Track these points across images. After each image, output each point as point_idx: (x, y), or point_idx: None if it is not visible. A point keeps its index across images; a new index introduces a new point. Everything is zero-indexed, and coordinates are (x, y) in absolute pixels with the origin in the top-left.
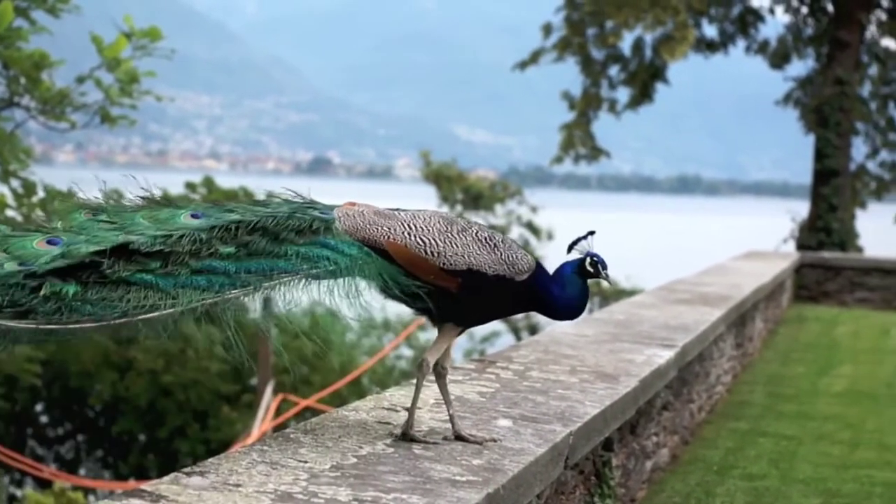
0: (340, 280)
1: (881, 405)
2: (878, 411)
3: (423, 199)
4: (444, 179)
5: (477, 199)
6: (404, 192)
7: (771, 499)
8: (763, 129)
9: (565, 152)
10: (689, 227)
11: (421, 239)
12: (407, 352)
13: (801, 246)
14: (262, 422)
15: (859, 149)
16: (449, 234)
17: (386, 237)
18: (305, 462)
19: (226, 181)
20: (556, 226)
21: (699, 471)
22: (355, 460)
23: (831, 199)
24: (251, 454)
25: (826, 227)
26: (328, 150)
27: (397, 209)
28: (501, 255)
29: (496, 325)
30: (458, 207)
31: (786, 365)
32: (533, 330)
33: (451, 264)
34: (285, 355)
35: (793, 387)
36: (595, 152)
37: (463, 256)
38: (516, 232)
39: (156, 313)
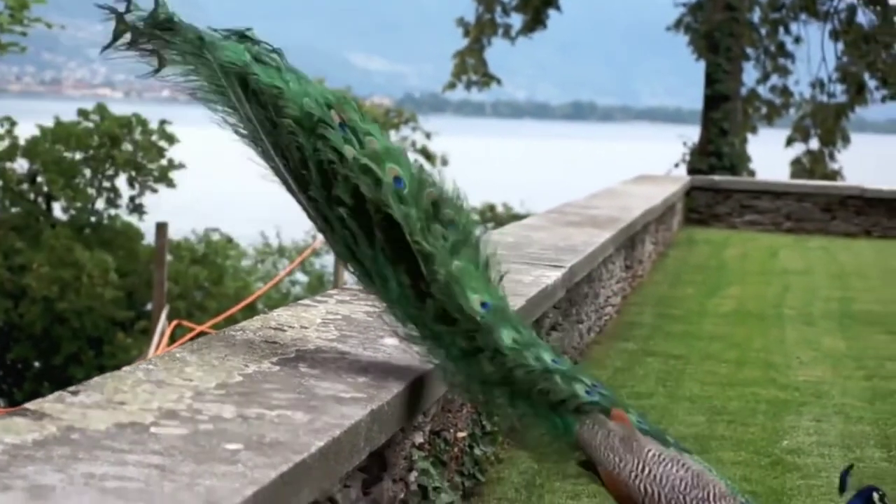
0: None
1: (767, 325)
2: (764, 331)
3: None
4: None
5: None
6: None
7: (658, 416)
8: (657, 56)
9: (457, 79)
10: (583, 152)
11: (646, 486)
12: (302, 277)
13: (693, 170)
14: (157, 347)
15: (750, 74)
16: (683, 499)
17: (606, 467)
18: (191, 381)
19: (119, 109)
20: (451, 151)
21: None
22: (241, 378)
23: (722, 123)
24: (136, 373)
25: (717, 151)
26: None
27: (683, 451)
28: None
29: None
30: None
31: (675, 286)
32: None
33: None
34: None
35: (681, 308)
36: (486, 79)
37: None
38: (410, 158)
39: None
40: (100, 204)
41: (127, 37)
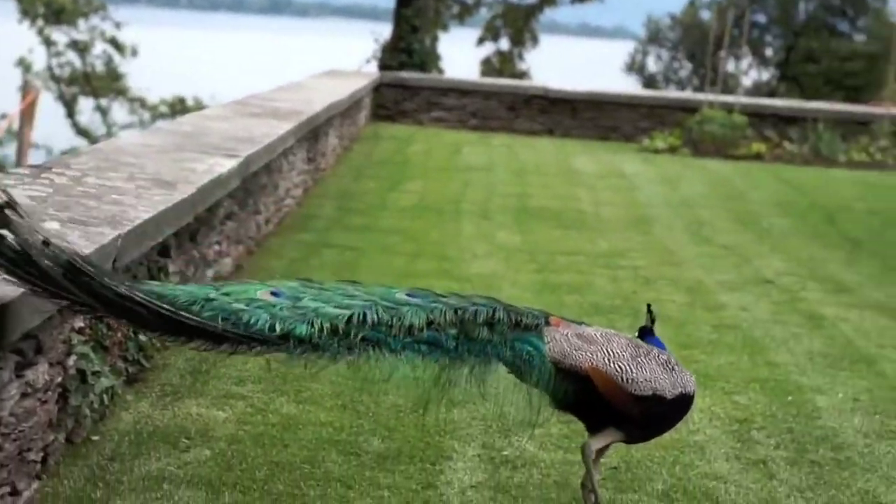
0: (524, 371)
1: (445, 219)
2: (442, 224)
3: (1, 14)
4: None
5: (59, 13)
6: None
7: None
8: None
9: None
10: (278, 48)
11: (618, 366)
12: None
13: (384, 67)
14: None
15: None
16: (639, 360)
17: (590, 363)
18: None
19: None
20: (143, 43)
21: (262, 280)
22: None
23: (413, 21)
24: None
25: (407, 48)
26: None
27: (582, 323)
28: (677, 377)
29: None
30: (40, 22)
31: (357, 180)
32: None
33: (640, 390)
34: None
35: (362, 201)
36: None
37: (650, 381)
38: (99, 48)
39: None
40: None
41: None
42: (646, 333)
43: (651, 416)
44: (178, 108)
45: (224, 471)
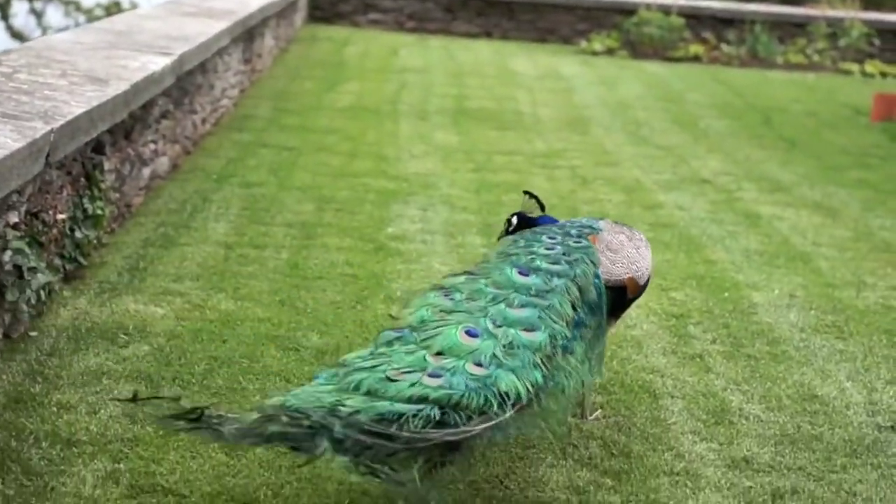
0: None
1: (382, 119)
2: (379, 125)
3: None
4: None
5: None
6: None
7: (266, 204)
8: None
9: None
10: None
11: (636, 266)
12: None
13: None
14: None
15: None
16: (639, 251)
17: (626, 274)
18: None
19: None
20: None
21: (198, 179)
22: None
23: None
24: None
25: None
26: None
27: (591, 228)
28: (650, 251)
29: None
30: None
31: (294, 81)
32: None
33: (644, 279)
34: None
35: (298, 102)
36: None
37: (648, 268)
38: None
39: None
40: None
41: None
42: (530, 219)
43: (639, 293)
44: (114, 11)
45: (163, 366)
